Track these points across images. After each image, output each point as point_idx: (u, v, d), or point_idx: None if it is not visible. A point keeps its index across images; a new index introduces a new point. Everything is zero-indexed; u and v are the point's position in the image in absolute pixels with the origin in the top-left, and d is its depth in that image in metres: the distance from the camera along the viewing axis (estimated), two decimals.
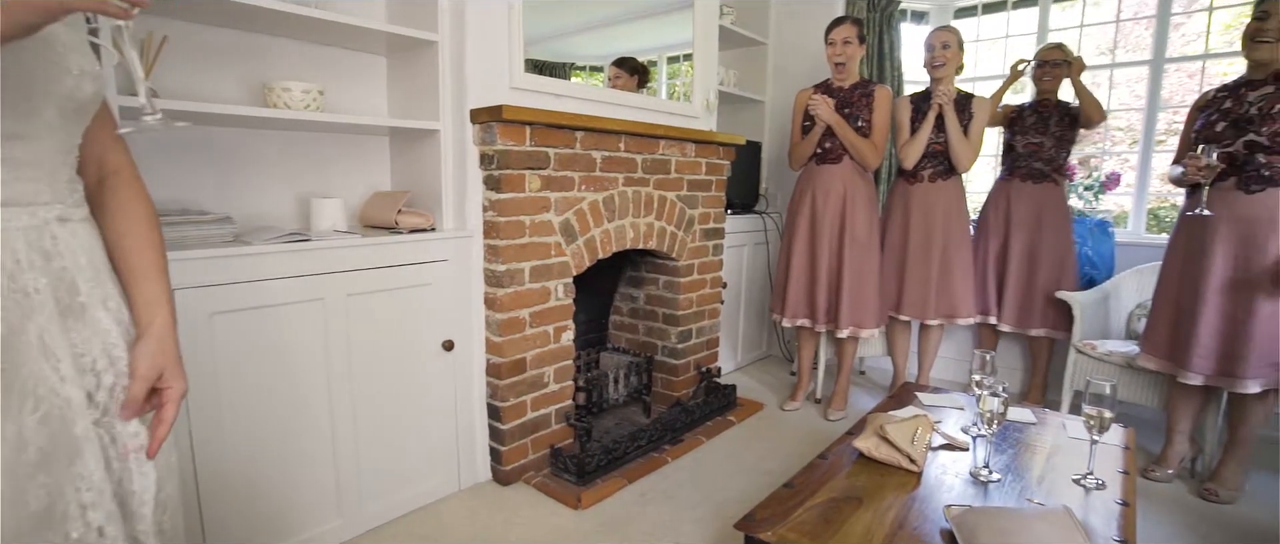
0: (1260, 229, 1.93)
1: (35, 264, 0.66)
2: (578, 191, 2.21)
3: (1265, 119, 1.90)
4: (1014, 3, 3.56)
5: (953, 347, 3.29)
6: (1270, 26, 1.90)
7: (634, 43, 2.71)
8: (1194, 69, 3.37)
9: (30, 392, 0.64)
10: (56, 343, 0.67)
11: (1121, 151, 3.54)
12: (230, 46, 1.83)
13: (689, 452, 2.45)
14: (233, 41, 1.83)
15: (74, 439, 0.68)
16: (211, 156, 1.84)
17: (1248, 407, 2.04)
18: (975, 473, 1.50)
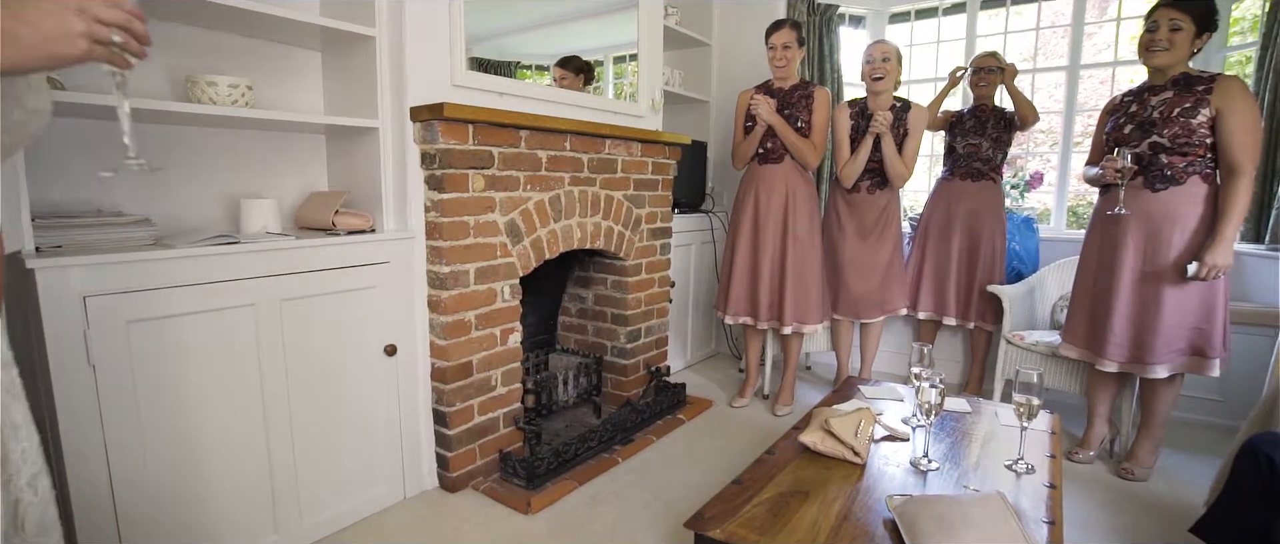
0: (1165, 225, 2.08)
1: None
2: (523, 191, 2.17)
3: (1166, 122, 2.05)
4: (945, 9, 3.72)
5: (893, 339, 3.41)
6: (1160, 37, 2.04)
7: (580, 42, 2.69)
8: (1105, 75, 3.61)
9: None
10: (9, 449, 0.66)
11: (1043, 152, 3.75)
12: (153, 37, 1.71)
13: (640, 451, 2.45)
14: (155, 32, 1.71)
15: None
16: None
17: (1157, 390, 2.19)
18: (915, 462, 1.55)
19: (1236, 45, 3.05)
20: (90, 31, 0.59)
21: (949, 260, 2.98)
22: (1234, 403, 2.62)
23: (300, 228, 1.96)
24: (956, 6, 3.68)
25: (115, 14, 0.60)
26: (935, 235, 3.02)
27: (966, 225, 2.93)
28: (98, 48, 0.60)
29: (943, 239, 3.00)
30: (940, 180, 3.06)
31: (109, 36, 0.61)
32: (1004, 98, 2.93)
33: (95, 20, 0.59)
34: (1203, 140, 2.02)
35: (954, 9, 3.69)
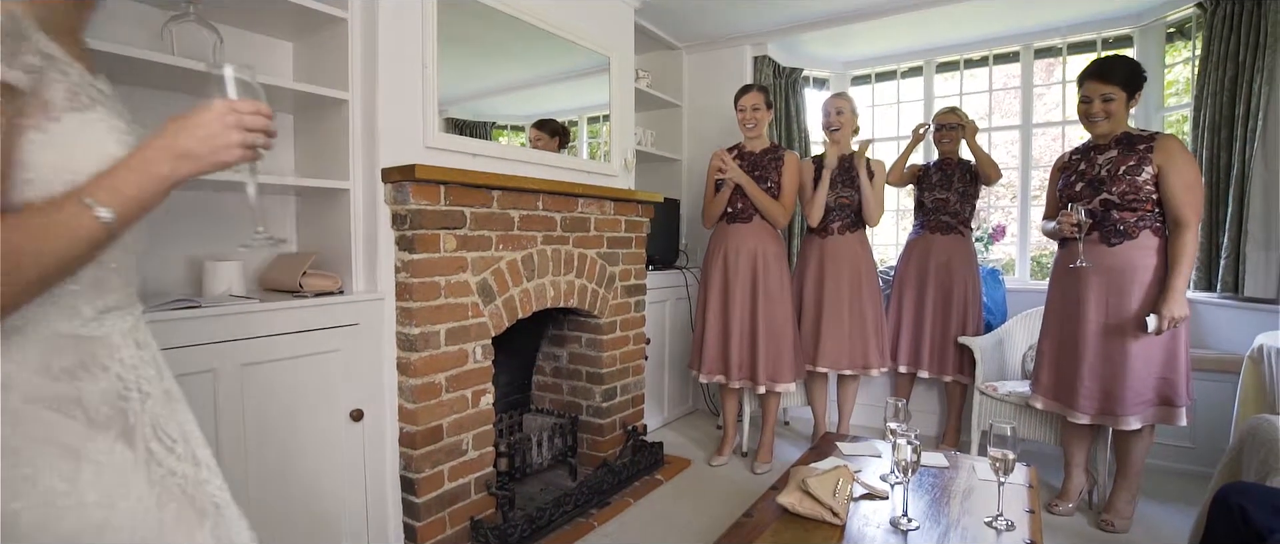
0: (1124, 278, 2.14)
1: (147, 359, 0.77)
2: (495, 251, 2.16)
3: (1114, 180, 2.14)
4: (903, 72, 3.90)
5: (870, 392, 3.41)
6: (1095, 109, 2.16)
7: (554, 103, 2.76)
8: (1057, 133, 3.79)
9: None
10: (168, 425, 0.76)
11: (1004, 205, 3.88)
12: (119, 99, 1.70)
13: (617, 515, 2.37)
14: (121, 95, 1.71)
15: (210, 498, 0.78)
16: None
17: (1130, 440, 2.21)
18: (895, 522, 1.52)
19: (1172, 105, 3.23)
20: (244, 140, 0.70)
21: (924, 314, 3.02)
22: (1203, 449, 2.65)
23: (266, 290, 1.92)
24: (914, 70, 3.87)
25: (260, 120, 0.72)
26: (910, 290, 3.06)
27: (939, 279, 2.98)
28: (247, 152, 0.71)
29: (917, 293, 3.04)
30: (911, 236, 3.13)
31: (258, 141, 0.72)
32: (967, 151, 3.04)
33: (247, 130, 0.70)
34: (1149, 196, 2.11)
35: (911, 72, 3.88)
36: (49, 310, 0.66)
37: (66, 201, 0.61)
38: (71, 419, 0.66)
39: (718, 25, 3.57)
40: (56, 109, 0.64)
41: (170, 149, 0.66)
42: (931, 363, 3.01)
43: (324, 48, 1.98)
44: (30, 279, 0.59)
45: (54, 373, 0.66)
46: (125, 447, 0.69)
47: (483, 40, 2.31)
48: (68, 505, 0.63)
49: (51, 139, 0.63)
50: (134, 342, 0.75)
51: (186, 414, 0.82)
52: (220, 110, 0.69)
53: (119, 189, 0.63)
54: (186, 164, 0.67)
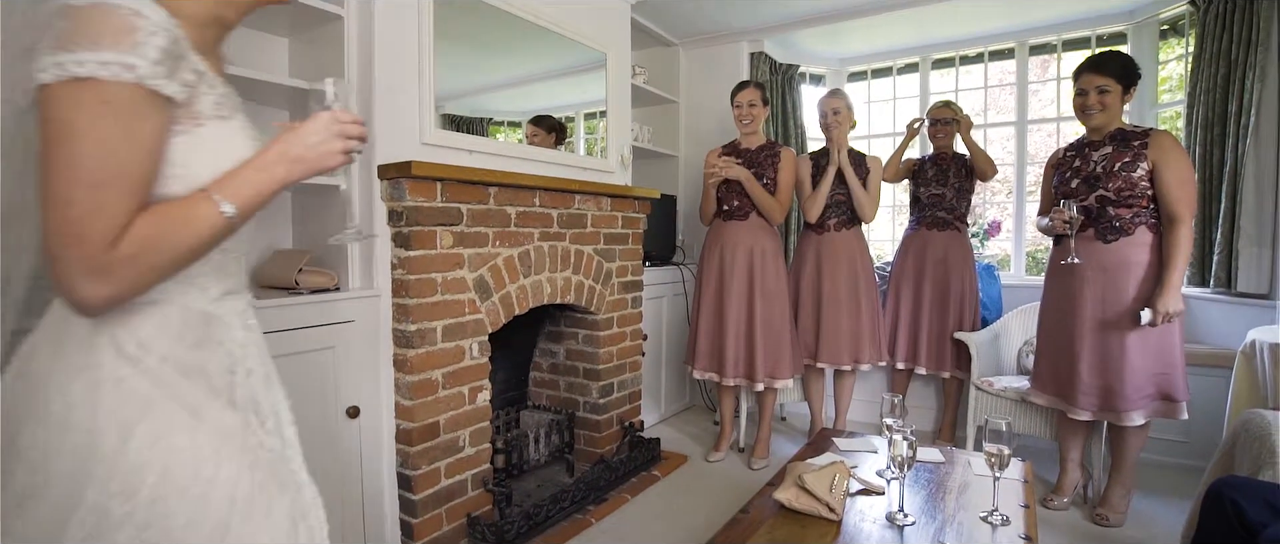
0: (1120, 274, 2.15)
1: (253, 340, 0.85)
2: (492, 247, 2.16)
3: (1109, 176, 2.15)
4: (899, 69, 3.91)
5: (866, 388, 3.42)
6: (1091, 101, 2.16)
7: (551, 100, 2.75)
8: (1052, 129, 3.80)
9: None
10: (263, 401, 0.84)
11: (1000, 201, 3.89)
12: None
13: (614, 511, 2.37)
14: None
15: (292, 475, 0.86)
16: None
17: (1126, 435, 2.22)
18: (891, 517, 1.53)
19: (1166, 102, 3.25)
20: (345, 147, 0.80)
21: (921, 310, 3.02)
22: (1197, 443, 2.67)
23: (262, 287, 1.91)
24: (910, 66, 3.87)
25: (356, 129, 0.82)
26: (908, 286, 3.06)
27: (936, 275, 2.98)
28: (346, 157, 0.81)
29: (915, 290, 3.04)
30: (908, 232, 3.13)
31: (354, 147, 0.82)
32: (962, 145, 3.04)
33: (346, 138, 0.80)
34: (1145, 192, 2.12)
35: (907, 68, 3.89)
36: (185, 288, 0.76)
37: (200, 197, 0.71)
38: (195, 384, 0.75)
39: (714, 21, 3.57)
40: (204, 118, 0.74)
41: (285, 155, 0.76)
42: (929, 359, 3.02)
43: (320, 44, 1.97)
44: (166, 260, 0.69)
45: (187, 342, 0.75)
46: (232, 415, 0.78)
47: (479, 36, 2.30)
48: (186, 460, 0.72)
49: (198, 143, 0.73)
50: (243, 324, 0.84)
51: (279, 394, 0.90)
52: (326, 120, 0.79)
53: (241, 189, 0.73)
54: (298, 167, 0.77)
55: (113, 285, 0.64)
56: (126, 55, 0.63)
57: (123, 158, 0.64)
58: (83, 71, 0.62)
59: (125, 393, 0.69)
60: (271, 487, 0.80)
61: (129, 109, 0.64)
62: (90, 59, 0.62)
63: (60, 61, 0.62)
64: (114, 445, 0.68)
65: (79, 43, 0.62)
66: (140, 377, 0.71)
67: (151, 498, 0.68)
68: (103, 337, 0.70)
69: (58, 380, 0.69)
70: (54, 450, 0.68)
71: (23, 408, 0.70)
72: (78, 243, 0.62)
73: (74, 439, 0.67)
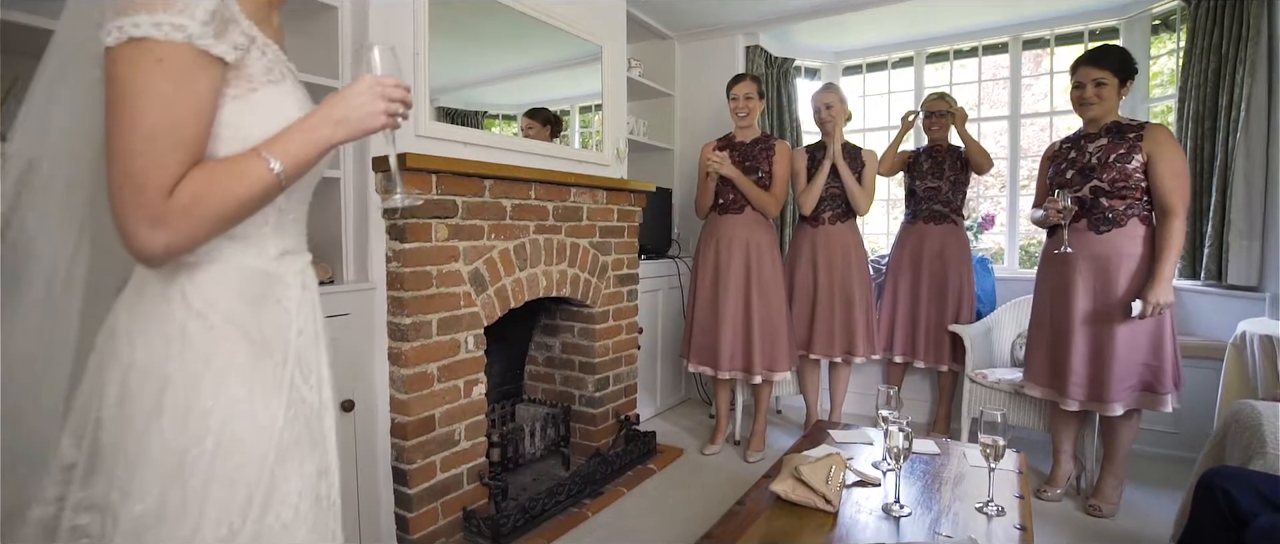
0: (1111, 265, 2.17)
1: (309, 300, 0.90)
2: (488, 240, 2.15)
3: (1104, 167, 2.16)
4: (893, 63, 3.91)
5: (861, 380, 3.43)
6: (1088, 93, 2.18)
7: (546, 93, 2.73)
8: (1044, 123, 3.82)
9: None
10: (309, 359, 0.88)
11: (993, 195, 3.90)
12: None
13: (610, 504, 2.37)
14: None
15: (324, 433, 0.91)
16: None
17: (1117, 426, 2.24)
18: (887, 508, 1.54)
19: (1157, 97, 3.27)
20: (388, 109, 0.83)
21: (919, 304, 3.02)
22: (1188, 434, 2.70)
23: None
24: (904, 60, 3.88)
25: (399, 92, 0.84)
26: (905, 280, 3.06)
27: (934, 268, 2.98)
28: (390, 119, 0.83)
29: (912, 283, 3.04)
30: (904, 225, 3.13)
31: (398, 110, 0.84)
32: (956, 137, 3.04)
33: (389, 100, 0.82)
34: (1138, 184, 2.13)
35: (902, 62, 3.89)
36: (245, 248, 0.80)
37: (250, 154, 0.75)
38: (253, 340, 0.80)
39: (710, 15, 3.56)
40: (256, 81, 0.78)
41: (329, 117, 0.79)
42: (927, 352, 3.01)
43: (314, 36, 1.95)
44: (219, 213, 0.72)
45: (247, 300, 0.80)
46: (282, 370, 0.83)
47: (474, 29, 2.28)
48: (244, 409, 0.78)
49: (251, 106, 0.77)
50: (302, 283, 0.88)
51: (325, 354, 0.93)
52: (369, 83, 0.82)
53: (288, 148, 0.76)
54: (342, 129, 0.80)
55: (169, 234, 0.69)
56: (177, 16, 0.68)
57: (176, 112, 0.69)
58: (139, 32, 0.67)
59: (193, 345, 0.76)
60: (306, 440, 0.85)
61: (181, 67, 0.69)
62: (145, 21, 0.67)
63: (120, 25, 0.67)
64: (183, 393, 0.74)
65: (136, 6, 0.67)
66: (206, 331, 0.76)
67: (216, 442, 0.75)
68: (174, 293, 0.76)
69: (136, 332, 0.75)
70: (134, 394, 0.74)
71: (108, 356, 0.76)
72: (136, 192, 0.67)
73: (151, 386, 0.74)
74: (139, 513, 0.72)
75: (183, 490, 0.73)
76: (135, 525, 0.72)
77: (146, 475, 0.73)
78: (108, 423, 0.74)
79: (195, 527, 0.74)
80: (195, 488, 0.74)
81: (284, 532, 0.80)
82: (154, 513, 0.73)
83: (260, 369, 0.80)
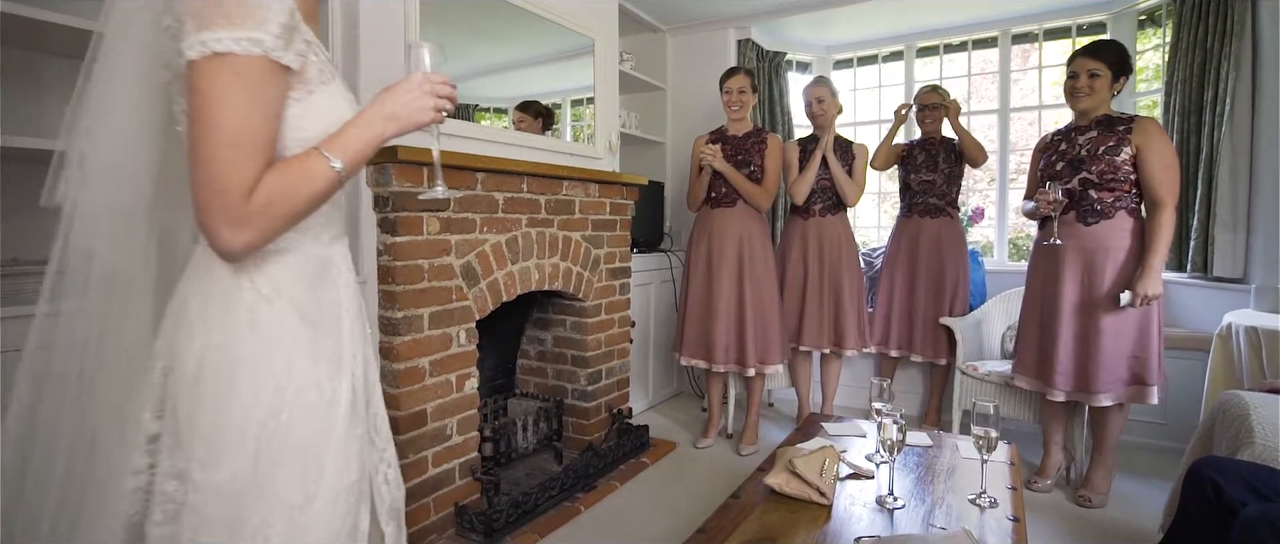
0: (1099, 257, 2.19)
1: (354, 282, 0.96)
2: (479, 233, 2.13)
3: (1093, 159, 2.18)
4: (884, 57, 3.92)
5: (852, 373, 3.45)
6: (1081, 84, 2.19)
7: (538, 86, 2.71)
8: (1033, 117, 3.84)
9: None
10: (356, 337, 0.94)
11: (982, 188, 3.92)
12: None
13: (603, 498, 2.37)
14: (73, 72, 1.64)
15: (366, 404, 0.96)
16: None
17: (1105, 417, 2.26)
18: (881, 500, 1.54)
19: (1143, 91, 3.29)
20: (435, 105, 0.88)
21: (915, 297, 3.02)
22: (1176, 425, 2.73)
23: None
24: (895, 54, 3.88)
25: (445, 88, 0.90)
26: (902, 274, 3.05)
27: (930, 262, 2.98)
28: (437, 114, 0.89)
29: (908, 277, 3.04)
30: (899, 219, 3.13)
31: (444, 106, 0.90)
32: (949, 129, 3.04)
33: (436, 96, 0.88)
34: (1127, 176, 2.15)
35: (892, 56, 3.90)
36: (304, 237, 0.87)
37: (313, 154, 0.80)
38: (314, 319, 0.86)
39: (702, 8, 3.54)
40: (313, 83, 0.83)
41: (381, 113, 0.85)
42: (924, 346, 3.01)
43: None
44: (291, 211, 0.78)
45: (307, 283, 0.87)
46: (340, 348, 0.89)
47: (466, 21, 2.26)
48: (310, 382, 0.84)
49: (310, 108, 0.83)
50: (347, 265, 0.95)
51: (367, 331, 0.99)
52: (418, 80, 0.87)
53: (346, 146, 0.82)
54: (393, 124, 0.86)
55: (249, 232, 0.75)
56: (254, 31, 0.73)
57: (253, 121, 0.75)
58: (221, 47, 0.72)
59: (262, 327, 0.81)
60: (358, 409, 0.92)
61: (257, 78, 0.74)
62: (226, 36, 0.72)
63: (203, 40, 0.71)
64: (256, 371, 0.80)
65: (216, 22, 0.72)
66: (274, 314, 0.82)
67: (290, 416, 0.82)
68: (244, 280, 0.81)
69: (209, 316, 0.81)
70: (208, 373, 0.79)
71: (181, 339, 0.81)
72: (220, 195, 0.73)
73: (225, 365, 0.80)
74: (220, 481, 0.78)
75: (264, 460, 0.80)
76: (218, 493, 0.78)
77: (227, 447, 0.78)
78: (184, 399, 0.80)
79: (275, 493, 0.80)
80: (274, 457, 0.80)
81: (345, 496, 0.87)
82: (237, 480, 0.78)
83: (321, 347, 0.87)
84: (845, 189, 2.84)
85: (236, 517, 0.78)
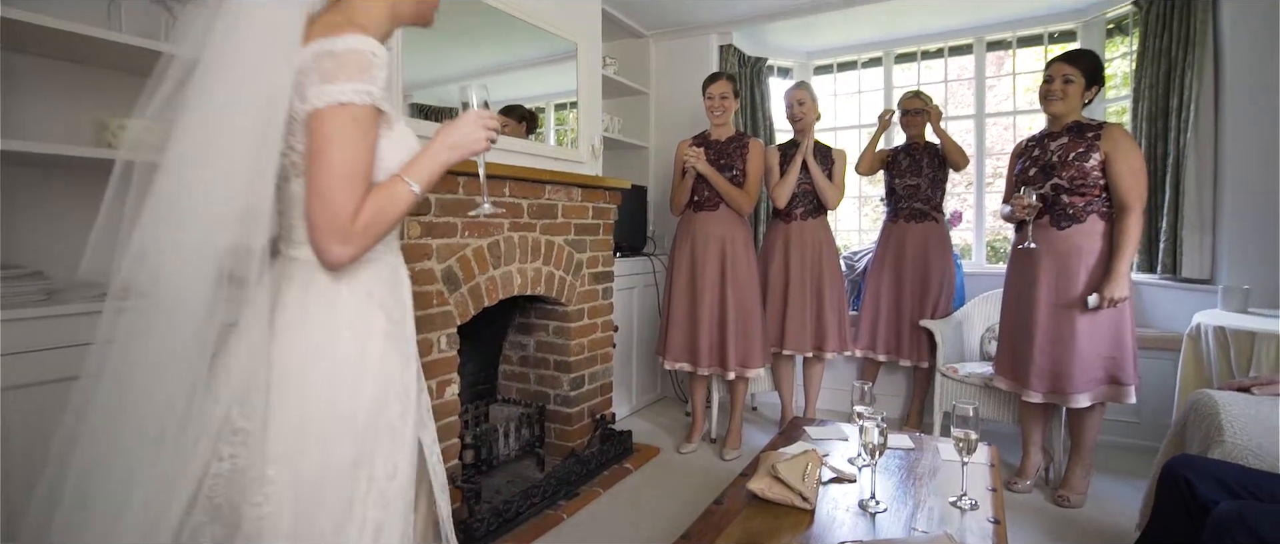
0: (1072, 260, 2.23)
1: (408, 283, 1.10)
2: (461, 238, 2.11)
3: (1064, 165, 2.23)
4: (863, 63, 3.96)
5: (834, 376, 3.47)
6: (1055, 88, 2.24)
7: (522, 90, 2.70)
8: (1008, 123, 3.92)
9: None
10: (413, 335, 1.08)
11: (960, 192, 3.98)
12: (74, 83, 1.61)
13: (586, 505, 2.35)
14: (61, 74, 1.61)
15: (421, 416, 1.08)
16: (28, 203, 1.57)
17: (1083, 417, 2.30)
18: (864, 504, 1.55)
19: (1113, 97, 3.37)
20: (487, 136, 1.04)
21: (902, 302, 3.04)
22: (1149, 424, 2.79)
23: None
24: (874, 60, 3.93)
25: (494, 122, 1.06)
26: (888, 278, 3.07)
27: (917, 266, 3.01)
28: (488, 144, 1.05)
29: (895, 281, 3.06)
30: (885, 223, 3.15)
31: (494, 136, 1.06)
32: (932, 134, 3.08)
33: (486, 129, 1.04)
34: (1097, 182, 2.20)
35: (871, 62, 3.94)
36: (385, 248, 1.02)
37: (396, 180, 0.95)
38: (394, 320, 1.01)
39: (684, 14, 3.56)
40: (392, 122, 0.98)
41: (445, 143, 1.00)
42: (911, 350, 3.03)
43: None
44: (384, 228, 0.94)
45: (387, 287, 1.01)
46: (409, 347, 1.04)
47: (449, 25, 2.21)
48: (396, 371, 0.99)
49: (391, 141, 0.96)
50: (406, 270, 1.09)
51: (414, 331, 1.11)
52: (473, 116, 1.03)
53: (421, 172, 0.97)
54: (455, 152, 1.01)
55: (354, 247, 0.89)
56: (368, 84, 0.88)
57: (363, 157, 0.90)
58: (344, 98, 0.86)
59: (359, 327, 0.96)
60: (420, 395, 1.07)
61: (366, 123, 0.89)
62: (348, 89, 0.86)
63: (328, 91, 0.86)
64: (355, 366, 0.94)
65: (340, 77, 0.86)
66: (367, 315, 0.97)
67: (383, 404, 0.96)
68: (342, 287, 0.95)
69: (310, 323, 0.93)
70: (310, 369, 0.91)
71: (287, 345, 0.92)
72: (334, 218, 0.87)
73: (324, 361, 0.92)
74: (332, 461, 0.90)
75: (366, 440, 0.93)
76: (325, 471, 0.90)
77: (336, 433, 0.91)
78: (293, 394, 0.90)
79: (371, 471, 0.93)
80: (372, 438, 0.94)
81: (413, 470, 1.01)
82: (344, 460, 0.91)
83: (397, 342, 1.01)
84: (825, 193, 2.87)
85: (339, 494, 0.90)
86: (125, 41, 1.49)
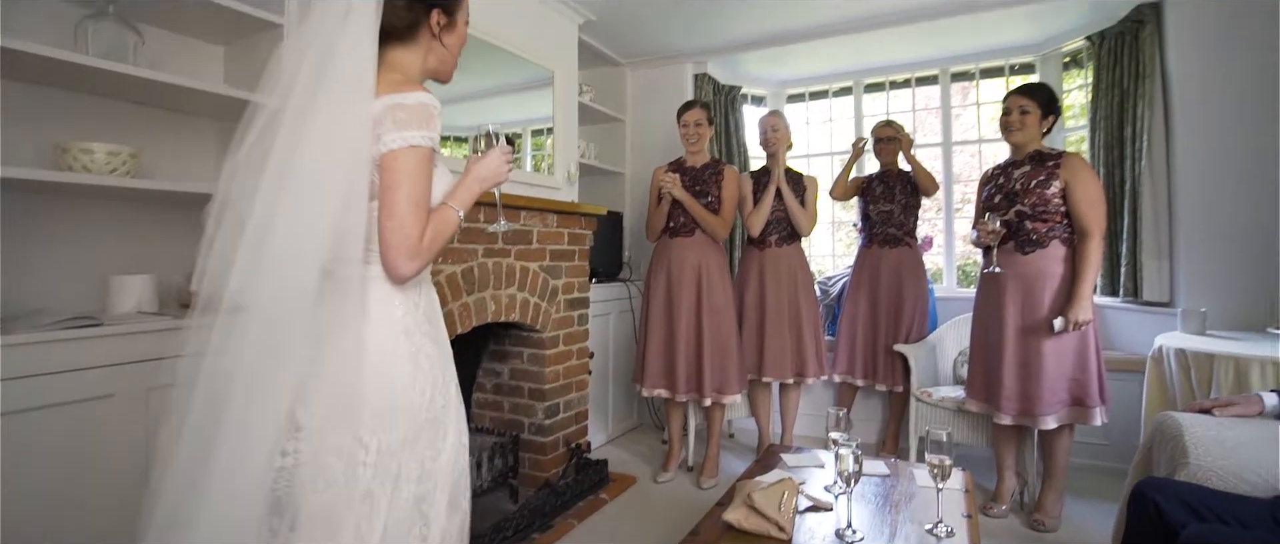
0: (1037, 284, 2.28)
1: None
2: (434, 264, 2.08)
3: (1026, 193, 2.30)
4: (834, 92, 4.06)
5: (811, 401, 3.47)
6: (1013, 119, 2.33)
7: (498, 115, 2.70)
8: (974, 150, 4.03)
9: None
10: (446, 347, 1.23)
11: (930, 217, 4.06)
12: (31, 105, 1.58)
13: (560, 538, 2.30)
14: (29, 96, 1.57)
15: None
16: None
17: (1053, 440, 2.33)
18: (840, 533, 1.53)
19: (1072, 127, 3.50)
20: (507, 170, 1.21)
21: (877, 327, 3.06)
22: (1118, 445, 2.83)
23: (183, 306, 1.77)
24: (844, 89, 4.03)
25: (510, 157, 1.23)
26: (864, 303, 3.10)
27: (891, 292, 3.04)
28: (507, 176, 1.22)
29: (870, 307, 3.09)
30: (861, 250, 3.20)
31: (511, 169, 1.24)
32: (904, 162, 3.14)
33: (508, 162, 1.22)
34: (1058, 208, 2.27)
35: (842, 91, 4.04)
36: (425, 271, 1.16)
37: (444, 207, 1.12)
38: (436, 326, 1.18)
39: (660, 44, 3.61)
40: (438, 160, 1.12)
41: (477, 176, 1.17)
42: (887, 375, 3.05)
43: (258, 54, 1.86)
44: (440, 247, 1.10)
45: (429, 300, 1.18)
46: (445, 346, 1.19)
47: None
48: (443, 378, 1.15)
49: (438, 177, 1.12)
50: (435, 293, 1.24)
51: None
52: (497, 154, 1.21)
53: (463, 199, 1.15)
54: (485, 183, 1.19)
55: (418, 263, 1.05)
56: (431, 131, 1.06)
57: (425, 189, 1.06)
58: (415, 141, 1.04)
59: (413, 333, 1.10)
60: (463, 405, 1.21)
61: (428, 162, 1.06)
62: (417, 135, 1.04)
63: (403, 137, 1.03)
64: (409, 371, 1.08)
65: (412, 125, 1.04)
66: (416, 324, 1.11)
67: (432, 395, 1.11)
68: (396, 300, 1.09)
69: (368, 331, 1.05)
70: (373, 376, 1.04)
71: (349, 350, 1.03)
72: (406, 239, 1.03)
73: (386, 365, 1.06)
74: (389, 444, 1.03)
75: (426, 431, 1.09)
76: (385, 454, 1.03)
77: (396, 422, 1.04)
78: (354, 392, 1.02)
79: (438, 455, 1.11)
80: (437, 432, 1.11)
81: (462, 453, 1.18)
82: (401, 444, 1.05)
83: (443, 349, 1.17)
84: (799, 220, 2.90)
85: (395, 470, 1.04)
86: (91, 64, 1.46)
